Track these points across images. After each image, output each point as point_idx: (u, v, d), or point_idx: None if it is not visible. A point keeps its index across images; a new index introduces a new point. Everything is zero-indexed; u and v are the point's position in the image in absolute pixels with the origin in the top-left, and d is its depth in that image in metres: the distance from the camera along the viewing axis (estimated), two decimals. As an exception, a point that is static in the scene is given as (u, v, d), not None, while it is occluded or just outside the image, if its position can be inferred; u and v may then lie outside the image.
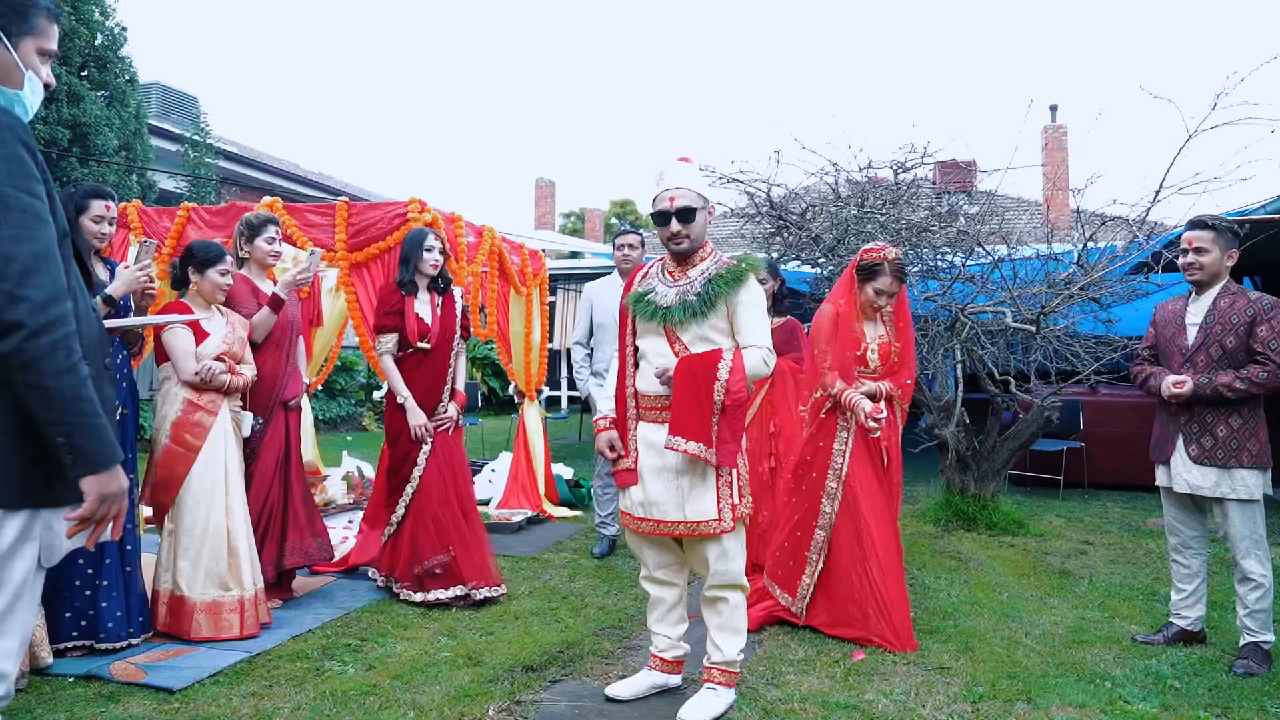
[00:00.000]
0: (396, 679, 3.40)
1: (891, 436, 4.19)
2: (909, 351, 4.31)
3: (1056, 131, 20.69)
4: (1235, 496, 3.65)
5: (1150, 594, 4.79)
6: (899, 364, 4.26)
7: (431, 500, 4.46)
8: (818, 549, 4.14)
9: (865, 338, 4.24)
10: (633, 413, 3.25)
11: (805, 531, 4.19)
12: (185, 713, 3.05)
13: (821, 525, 4.14)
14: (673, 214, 3.13)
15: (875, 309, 4.24)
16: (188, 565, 3.83)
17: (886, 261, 4.13)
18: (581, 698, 3.30)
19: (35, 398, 1.62)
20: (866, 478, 4.12)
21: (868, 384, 4.16)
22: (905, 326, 4.33)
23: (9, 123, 1.66)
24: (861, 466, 4.12)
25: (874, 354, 4.23)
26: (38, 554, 1.69)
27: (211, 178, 11.69)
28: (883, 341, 4.25)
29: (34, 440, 1.67)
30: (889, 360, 4.23)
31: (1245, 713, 3.19)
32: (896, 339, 4.29)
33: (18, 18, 1.80)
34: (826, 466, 4.17)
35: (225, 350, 3.99)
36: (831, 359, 4.17)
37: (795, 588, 4.18)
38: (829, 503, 4.13)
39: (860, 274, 4.20)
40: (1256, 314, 3.65)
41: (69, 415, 1.64)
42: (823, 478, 4.17)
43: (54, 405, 1.62)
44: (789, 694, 3.32)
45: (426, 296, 4.59)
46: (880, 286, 4.16)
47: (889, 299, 4.21)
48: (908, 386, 4.30)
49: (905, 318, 4.36)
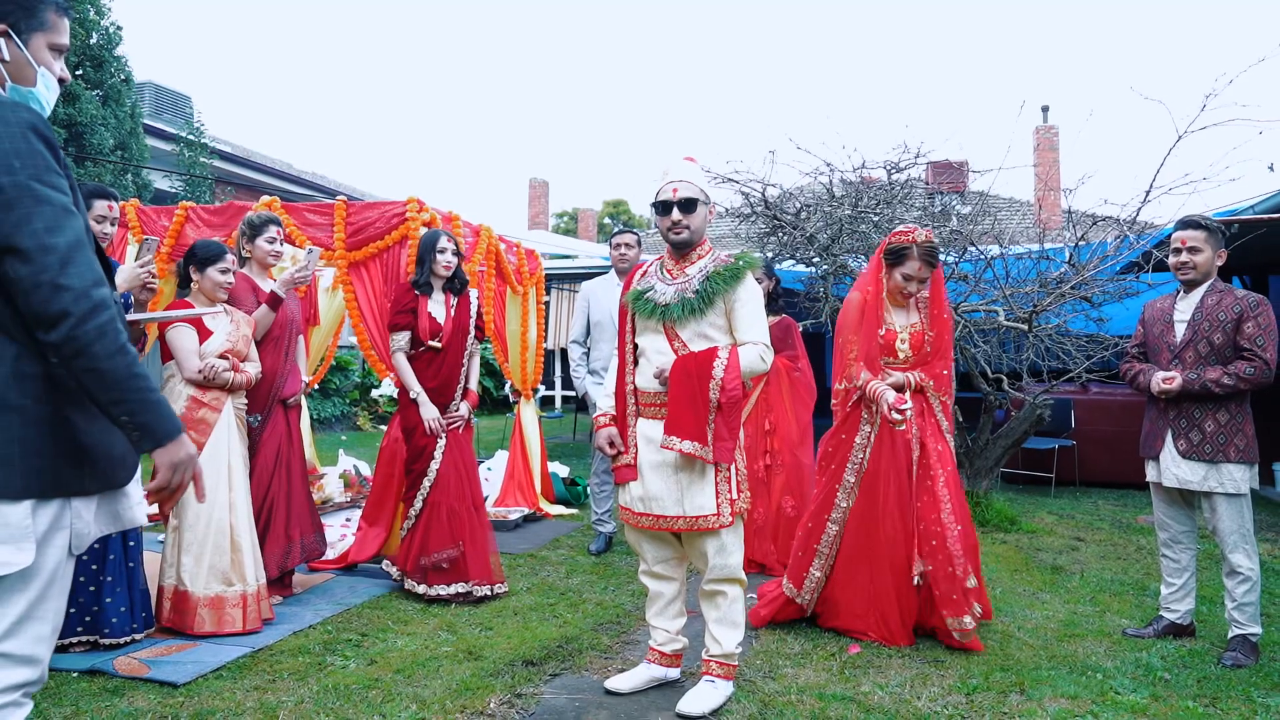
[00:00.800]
0: (398, 673, 3.44)
1: (926, 428, 3.98)
2: (943, 340, 4.06)
3: (1048, 132, 20.84)
4: (1223, 490, 3.71)
5: (1141, 589, 4.85)
6: (932, 353, 4.03)
7: (448, 494, 4.51)
8: (829, 542, 4.04)
9: (895, 326, 4.03)
10: (632, 409, 3.30)
11: (817, 524, 4.09)
12: (189, 706, 3.09)
13: (834, 519, 4.03)
14: (675, 204, 3.19)
15: (905, 295, 4.00)
16: (191, 560, 3.86)
17: (915, 245, 3.89)
18: (581, 691, 3.34)
19: (93, 381, 1.66)
20: (888, 473, 3.94)
21: (895, 375, 3.96)
22: (940, 314, 4.08)
23: (30, 119, 1.69)
24: (884, 461, 3.94)
25: (904, 344, 4.00)
26: (69, 542, 1.73)
27: (207, 177, 11.70)
28: (915, 331, 4.03)
29: (65, 431, 1.70)
30: (921, 350, 4.02)
31: (1232, 702, 3.25)
32: (930, 327, 4.04)
33: (26, 14, 1.81)
34: (846, 459, 4.02)
35: (229, 348, 4.03)
36: (858, 349, 3.98)
37: (802, 580, 4.09)
38: (844, 496, 4.01)
39: (888, 259, 3.98)
40: (1243, 311, 3.71)
41: (128, 394, 1.68)
42: (841, 470, 4.03)
43: (112, 386, 1.66)
44: (786, 686, 3.37)
45: (441, 297, 4.63)
46: (908, 272, 3.93)
47: (919, 285, 3.98)
48: (942, 377, 4.05)
49: (940, 304, 4.09)
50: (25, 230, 1.62)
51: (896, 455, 3.95)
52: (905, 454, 3.96)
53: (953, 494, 3.91)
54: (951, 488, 3.92)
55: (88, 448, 1.73)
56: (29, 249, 1.62)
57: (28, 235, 1.62)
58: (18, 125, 1.67)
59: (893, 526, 3.93)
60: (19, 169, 1.64)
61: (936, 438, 3.98)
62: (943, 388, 4.05)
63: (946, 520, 3.85)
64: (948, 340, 4.09)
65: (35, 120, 1.70)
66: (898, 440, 3.95)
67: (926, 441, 3.95)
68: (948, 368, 4.08)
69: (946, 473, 3.94)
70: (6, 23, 1.78)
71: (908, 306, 4.08)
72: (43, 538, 1.68)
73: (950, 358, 4.12)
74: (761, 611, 4.20)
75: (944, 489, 3.89)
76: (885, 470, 3.95)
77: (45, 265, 1.62)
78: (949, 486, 3.91)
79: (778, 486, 5.29)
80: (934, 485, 3.90)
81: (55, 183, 1.69)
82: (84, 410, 1.74)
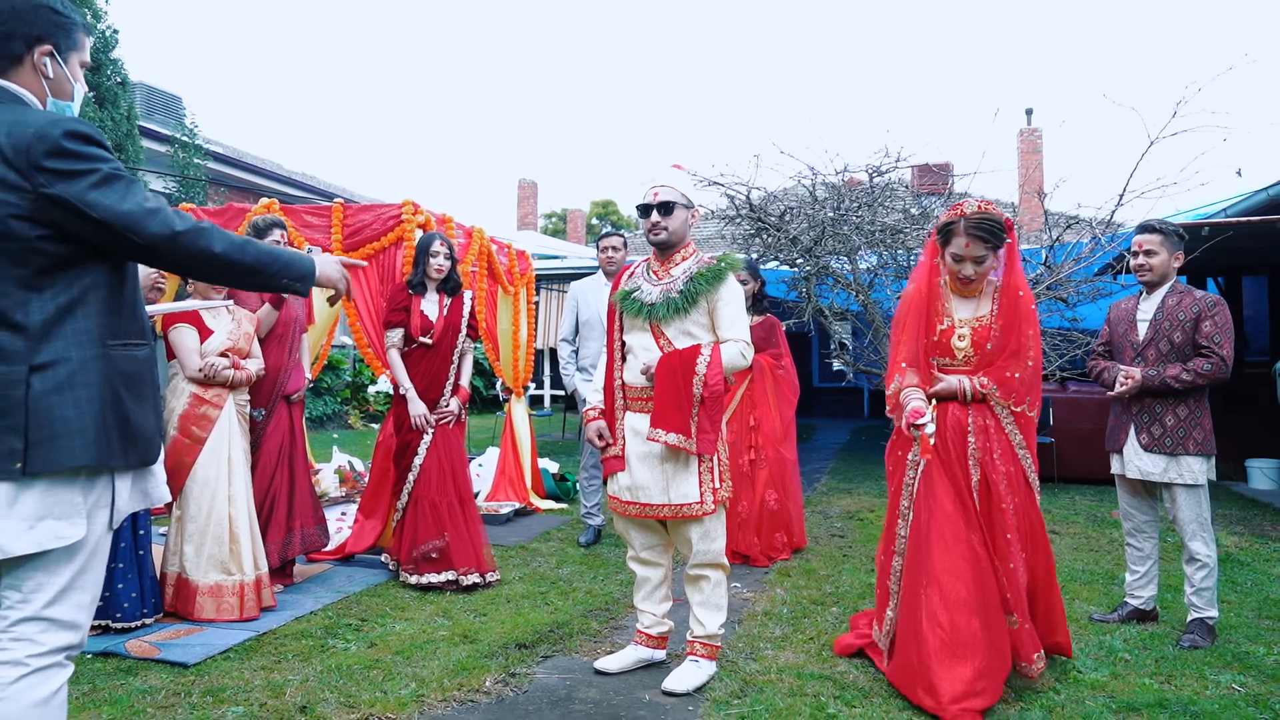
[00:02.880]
0: (397, 654, 3.61)
1: (992, 446, 3.31)
2: (1012, 334, 3.34)
3: (1032, 135, 21.07)
4: (1182, 481, 3.91)
5: (1110, 578, 5.04)
6: (996, 351, 3.36)
7: (430, 488, 4.69)
8: (896, 578, 3.46)
9: (957, 320, 3.43)
10: (620, 403, 3.48)
11: (886, 556, 3.55)
12: (200, 685, 3.25)
13: (898, 550, 3.46)
14: (654, 206, 3.38)
15: (965, 282, 3.40)
16: (192, 550, 4.02)
17: (962, 219, 3.31)
18: (572, 671, 3.52)
19: (226, 270, 1.97)
20: (938, 497, 3.31)
21: (948, 379, 3.38)
22: (1012, 303, 3.37)
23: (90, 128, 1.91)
24: (934, 484, 3.33)
25: (964, 340, 3.40)
26: (110, 518, 1.91)
27: (201, 179, 11.82)
28: (980, 325, 3.39)
29: (119, 409, 1.89)
30: (984, 348, 3.38)
31: (1186, 679, 3.44)
32: (997, 318, 3.38)
33: (65, 34, 2.02)
34: (902, 481, 3.49)
35: (230, 346, 4.18)
36: (905, 349, 3.47)
37: (882, 619, 3.53)
38: (903, 524, 3.44)
39: (940, 239, 3.44)
40: (1201, 311, 3.91)
41: (260, 261, 2.00)
42: (898, 495, 3.49)
43: (240, 266, 1.98)
44: (766, 666, 3.55)
45: (435, 297, 4.83)
46: (956, 251, 3.35)
47: (975, 266, 3.34)
48: (1010, 381, 3.33)
49: (1011, 291, 3.38)
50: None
51: (954, 476, 3.33)
52: (963, 473, 3.33)
53: (1022, 530, 3.31)
54: (1021, 521, 3.31)
55: (134, 425, 1.93)
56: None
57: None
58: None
59: (946, 559, 3.22)
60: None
61: (1007, 458, 3.32)
62: (1012, 393, 3.34)
63: (1018, 565, 3.25)
64: (1022, 335, 3.34)
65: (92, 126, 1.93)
66: (951, 459, 3.34)
67: (987, 462, 3.31)
68: (1019, 369, 3.33)
69: (1016, 503, 3.30)
70: (50, 43, 1.96)
71: (978, 296, 3.46)
72: (90, 510, 1.86)
73: (1027, 356, 3.34)
74: (847, 638, 3.74)
75: (1012, 521, 3.26)
76: (935, 494, 3.32)
77: (157, 213, 1.91)
78: (1019, 517, 3.29)
79: (761, 480, 5.47)
80: (1000, 519, 3.27)
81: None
82: (131, 391, 1.93)
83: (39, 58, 1.95)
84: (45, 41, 1.96)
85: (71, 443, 1.80)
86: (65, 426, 1.79)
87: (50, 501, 1.80)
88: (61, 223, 1.81)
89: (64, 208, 1.80)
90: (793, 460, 5.69)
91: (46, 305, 1.81)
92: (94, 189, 1.81)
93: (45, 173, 1.78)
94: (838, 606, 4.39)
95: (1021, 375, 3.33)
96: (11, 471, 1.75)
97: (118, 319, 1.92)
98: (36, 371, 1.78)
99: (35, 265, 1.81)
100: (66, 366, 1.81)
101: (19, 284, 1.80)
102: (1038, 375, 3.38)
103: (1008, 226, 3.34)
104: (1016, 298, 3.37)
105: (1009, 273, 3.40)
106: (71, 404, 1.80)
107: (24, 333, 1.79)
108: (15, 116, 1.83)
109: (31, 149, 1.78)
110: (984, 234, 3.29)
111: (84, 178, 1.81)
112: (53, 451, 1.78)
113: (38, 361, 1.79)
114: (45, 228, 1.81)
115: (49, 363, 1.80)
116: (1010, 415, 3.36)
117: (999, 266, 3.42)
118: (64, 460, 1.79)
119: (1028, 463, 3.37)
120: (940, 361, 3.45)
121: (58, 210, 1.80)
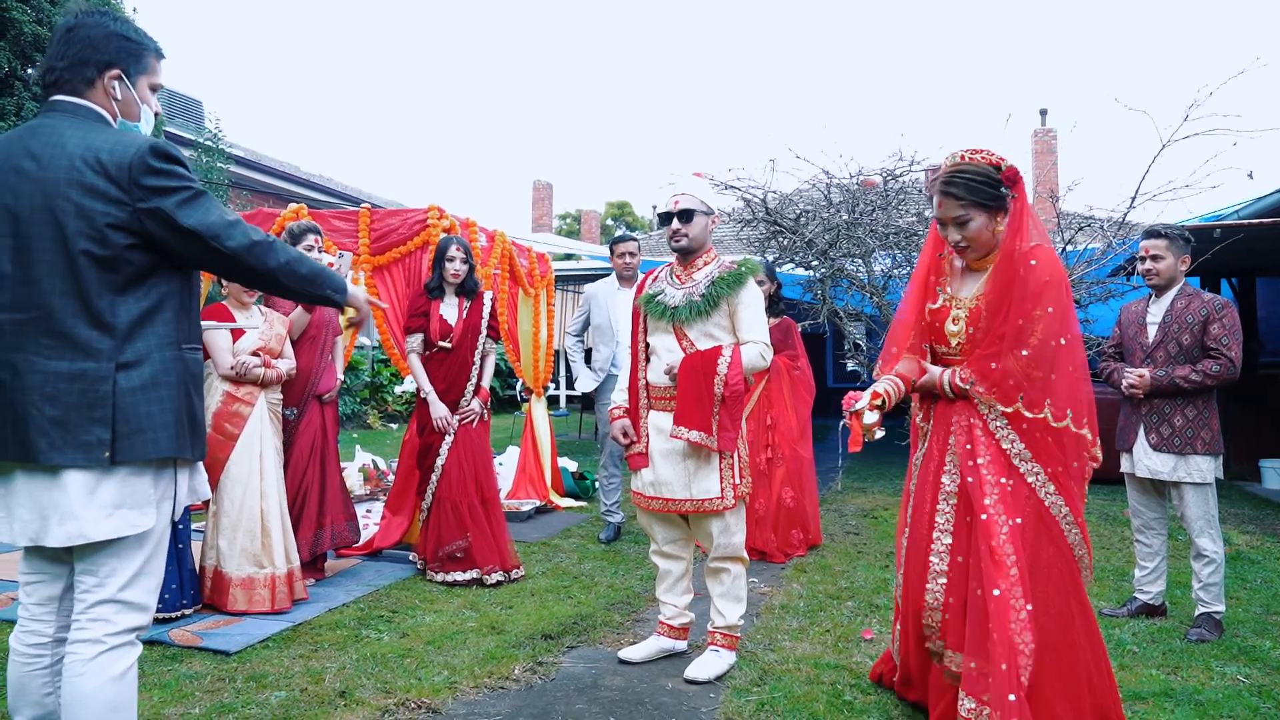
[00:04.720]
0: (429, 644, 3.75)
1: (974, 452, 2.71)
2: (1001, 313, 2.69)
3: (1046, 135, 21.06)
4: (1190, 480, 4.01)
5: (1121, 575, 5.13)
6: (981, 333, 2.76)
7: (452, 489, 4.82)
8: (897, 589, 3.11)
9: (954, 298, 2.88)
10: (644, 402, 3.61)
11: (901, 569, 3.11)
12: (243, 671, 3.40)
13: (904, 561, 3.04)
14: (675, 214, 3.51)
15: (960, 251, 2.83)
16: (225, 543, 4.17)
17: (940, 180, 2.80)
18: (597, 661, 3.65)
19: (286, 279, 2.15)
20: (920, 504, 2.90)
21: (930, 371, 2.88)
22: (1008, 273, 2.68)
23: (176, 150, 2.09)
24: (921, 491, 2.91)
25: (958, 324, 2.83)
26: (173, 508, 2.06)
27: (224, 183, 12.01)
28: (977, 305, 2.80)
29: (189, 406, 2.07)
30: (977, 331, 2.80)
31: (1192, 671, 3.55)
32: (985, 294, 2.76)
33: (134, 60, 2.17)
34: (909, 491, 3.03)
35: (261, 346, 4.34)
36: (895, 335, 3.01)
37: (895, 635, 3.22)
38: (905, 535, 3.01)
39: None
40: (1209, 313, 4.01)
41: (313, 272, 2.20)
42: (906, 501, 3.04)
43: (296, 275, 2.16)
44: (784, 656, 3.67)
45: (454, 300, 4.96)
46: (938, 214, 2.82)
47: (958, 230, 2.75)
48: (988, 371, 2.68)
49: (1008, 258, 2.68)
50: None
51: (925, 482, 2.90)
52: (933, 480, 2.85)
53: (1019, 557, 2.59)
54: (1015, 547, 2.60)
55: (199, 422, 2.12)
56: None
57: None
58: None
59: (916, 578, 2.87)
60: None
61: (996, 466, 2.69)
62: (995, 387, 2.68)
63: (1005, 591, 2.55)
64: (1022, 314, 2.63)
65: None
66: (929, 462, 2.89)
67: (968, 474, 2.73)
68: (998, 360, 2.66)
69: (1010, 526, 2.62)
70: (120, 68, 2.10)
71: (980, 272, 2.85)
72: (158, 500, 2.02)
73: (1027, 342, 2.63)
74: (874, 665, 3.43)
75: (1005, 547, 2.59)
76: (919, 500, 2.92)
77: (238, 225, 2.12)
78: (1012, 543, 2.60)
79: (778, 479, 5.59)
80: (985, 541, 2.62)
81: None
82: (197, 390, 2.12)
83: (108, 81, 2.11)
84: (114, 66, 2.11)
85: (156, 436, 1.96)
86: (150, 421, 1.96)
87: (127, 491, 1.95)
88: (153, 233, 1.99)
89: (158, 219, 1.99)
90: (809, 459, 5.81)
91: (131, 309, 1.98)
92: (184, 204, 2.00)
93: (143, 189, 1.97)
94: (853, 601, 4.51)
95: (1006, 365, 2.64)
96: (100, 460, 1.91)
97: (187, 323, 2.10)
98: (122, 369, 1.95)
99: (125, 273, 1.98)
100: (150, 365, 1.98)
101: (110, 288, 1.97)
102: (1048, 366, 2.64)
103: (1007, 178, 2.72)
104: (1014, 266, 2.66)
105: (1011, 235, 2.71)
106: (155, 400, 1.97)
107: (111, 332, 1.96)
108: (112, 136, 2.02)
109: (133, 167, 1.97)
110: (956, 190, 2.72)
111: (176, 194, 2.00)
112: (139, 444, 1.94)
113: (123, 360, 1.95)
114: (135, 237, 1.99)
115: (133, 361, 1.96)
116: (1000, 415, 2.71)
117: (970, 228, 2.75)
118: (149, 451, 1.95)
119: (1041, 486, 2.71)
120: (937, 350, 2.94)
121: (151, 222, 1.99)
